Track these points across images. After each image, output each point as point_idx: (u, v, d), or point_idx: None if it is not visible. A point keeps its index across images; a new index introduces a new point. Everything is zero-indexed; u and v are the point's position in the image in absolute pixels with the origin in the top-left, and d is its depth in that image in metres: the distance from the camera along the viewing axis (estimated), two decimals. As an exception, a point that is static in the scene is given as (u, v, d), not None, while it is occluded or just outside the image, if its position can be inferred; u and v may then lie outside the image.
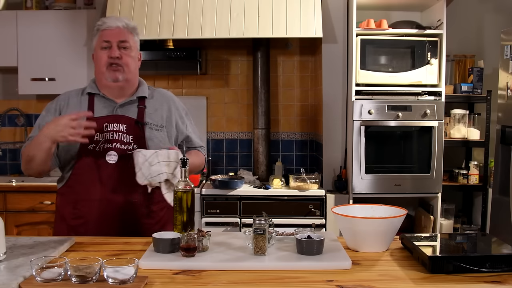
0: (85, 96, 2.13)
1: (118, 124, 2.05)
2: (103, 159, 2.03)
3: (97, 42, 2.11)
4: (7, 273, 1.45)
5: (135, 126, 2.07)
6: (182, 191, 1.81)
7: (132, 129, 2.06)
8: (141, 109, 2.11)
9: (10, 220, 3.57)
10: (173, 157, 1.98)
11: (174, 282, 1.48)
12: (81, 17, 3.85)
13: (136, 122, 2.08)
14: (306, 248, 1.67)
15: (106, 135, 2.04)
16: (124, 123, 2.06)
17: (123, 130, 2.05)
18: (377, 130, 3.55)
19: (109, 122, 2.05)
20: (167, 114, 2.18)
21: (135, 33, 2.15)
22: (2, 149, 4.20)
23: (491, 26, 3.93)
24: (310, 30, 3.59)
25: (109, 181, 2.03)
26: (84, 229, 2.03)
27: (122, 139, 2.04)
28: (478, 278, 1.49)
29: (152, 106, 2.16)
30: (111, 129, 2.04)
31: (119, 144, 2.04)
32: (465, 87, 3.72)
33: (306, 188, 3.60)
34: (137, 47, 2.17)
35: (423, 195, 3.66)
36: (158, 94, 2.23)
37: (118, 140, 2.04)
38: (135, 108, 2.12)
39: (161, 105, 2.18)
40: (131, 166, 1.99)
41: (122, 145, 2.04)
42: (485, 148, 3.68)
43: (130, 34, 2.12)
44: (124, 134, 2.05)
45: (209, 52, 4.20)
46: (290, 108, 4.26)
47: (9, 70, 4.10)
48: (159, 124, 2.13)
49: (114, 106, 2.10)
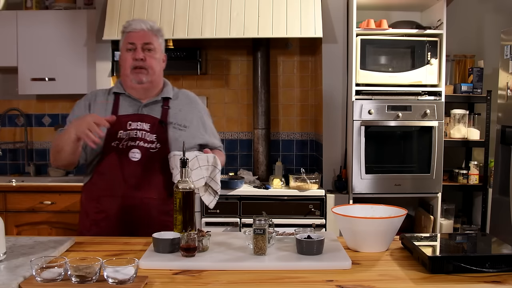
0: (112, 95, 2.19)
1: (142, 123, 2.10)
2: (126, 157, 2.08)
3: (123, 44, 2.17)
4: (7, 273, 1.45)
5: (158, 126, 2.12)
6: (182, 191, 1.81)
7: (155, 128, 2.11)
8: (165, 109, 2.17)
9: (10, 220, 3.57)
10: (211, 161, 2.04)
11: (174, 282, 1.48)
12: (81, 17, 3.85)
13: (160, 122, 2.12)
14: (306, 248, 1.67)
15: (130, 133, 2.09)
16: (148, 122, 2.11)
17: (146, 129, 2.10)
18: (377, 130, 3.55)
19: (133, 121, 2.10)
20: (191, 115, 2.22)
21: (159, 35, 2.19)
22: (2, 149, 4.20)
23: (491, 26, 3.93)
24: (310, 30, 3.59)
25: (132, 178, 2.08)
26: (106, 223, 2.08)
27: (145, 137, 2.09)
28: (478, 278, 1.49)
29: (176, 106, 2.20)
30: (134, 127, 2.09)
31: (142, 142, 2.08)
32: (465, 87, 3.72)
33: (306, 188, 3.60)
34: (162, 49, 2.21)
35: (423, 195, 3.66)
36: (183, 95, 2.28)
37: (141, 139, 2.09)
38: (159, 108, 2.17)
39: (185, 106, 2.23)
40: (154, 164, 2.06)
41: (145, 144, 2.09)
42: (485, 148, 3.68)
43: (155, 36, 2.15)
44: (147, 133, 2.10)
45: (209, 52, 4.20)
46: (290, 108, 4.26)
47: (9, 70, 4.09)
48: (183, 124, 2.17)
49: (139, 106, 2.15)
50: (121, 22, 3.62)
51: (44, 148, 4.29)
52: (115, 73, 3.82)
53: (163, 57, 2.22)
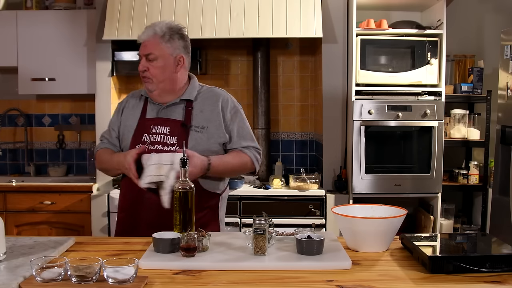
0: (142, 98, 2.26)
1: (161, 127, 2.14)
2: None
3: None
4: (7, 273, 1.45)
5: (180, 128, 2.13)
6: (182, 191, 1.81)
7: (176, 131, 2.12)
8: (188, 110, 2.17)
9: (10, 220, 3.57)
10: (165, 160, 1.98)
11: (174, 282, 1.48)
12: (81, 17, 3.85)
13: (182, 124, 2.13)
14: (306, 248, 1.67)
15: (151, 136, 2.14)
16: (168, 125, 2.14)
17: (166, 132, 2.13)
18: (377, 130, 3.55)
19: (154, 124, 2.15)
20: (211, 115, 2.18)
21: (165, 39, 2.13)
22: (2, 149, 4.20)
23: (491, 26, 3.93)
24: (310, 30, 3.59)
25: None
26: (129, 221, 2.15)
27: (165, 141, 2.12)
28: (478, 278, 1.49)
29: (199, 107, 2.19)
30: (155, 131, 2.14)
31: (161, 145, 2.12)
32: (465, 87, 3.72)
33: (306, 188, 3.60)
34: (171, 51, 2.15)
35: (423, 195, 3.66)
36: (209, 93, 2.25)
37: (160, 142, 2.12)
38: (181, 110, 2.18)
39: (207, 105, 2.20)
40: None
41: (164, 147, 2.11)
42: (485, 148, 3.68)
43: (158, 43, 2.13)
44: (167, 136, 2.12)
45: (209, 52, 4.19)
46: (290, 108, 4.26)
47: (9, 70, 4.10)
48: (201, 126, 2.15)
49: (159, 108, 2.19)
50: (121, 22, 3.63)
51: (44, 148, 4.29)
52: (115, 73, 3.82)
53: (178, 57, 2.17)
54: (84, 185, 3.66)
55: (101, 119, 3.78)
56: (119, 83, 3.97)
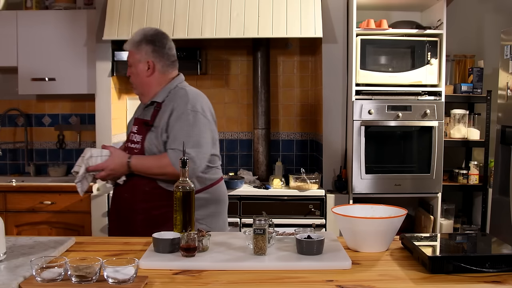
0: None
1: (135, 126, 2.33)
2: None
3: None
4: (7, 273, 1.45)
5: (145, 127, 2.27)
6: (182, 191, 1.81)
7: (141, 130, 2.28)
8: (155, 111, 2.28)
9: (10, 220, 3.57)
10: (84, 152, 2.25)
11: (174, 282, 1.48)
12: (81, 17, 3.85)
13: (144, 124, 2.28)
14: (306, 248, 1.67)
15: (129, 135, 2.36)
16: (137, 125, 2.32)
17: (134, 131, 2.31)
18: (377, 130, 3.55)
19: (134, 124, 2.36)
20: (163, 115, 2.25)
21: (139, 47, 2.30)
22: (2, 149, 4.20)
23: (491, 26, 3.93)
24: (310, 30, 3.59)
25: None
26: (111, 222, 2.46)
27: (132, 139, 2.31)
28: (478, 278, 1.49)
29: (164, 108, 2.28)
30: (131, 130, 2.35)
31: (130, 143, 2.32)
32: (465, 87, 3.72)
33: (306, 188, 3.60)
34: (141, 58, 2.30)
35: (423, 195, 3.66)
36: (174, 95, 2.29)
37: (130, 140, 2.33)
38: (152, 111, 2.30)
39: (167, 107, 2.27)
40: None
41: (132, 144, 2.30)
42: (485, 148, 3.68)
43: (133, 50, 2.32)
44: (135, 134, 2.31)
45: (209, 52, 4.19)
46: (290, 108, 4.26)
47: (9, 70, 4.09)
48: (156, 125, 2.25)
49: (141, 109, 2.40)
50: (121, 22, 3.62)
51: (44, 148, 4.29)
52: (115, 73, 3.81)
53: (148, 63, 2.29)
54: (84, 185, 3.65)
55: (101, 119, 3.78)
56: (119, 83, 3.97)
